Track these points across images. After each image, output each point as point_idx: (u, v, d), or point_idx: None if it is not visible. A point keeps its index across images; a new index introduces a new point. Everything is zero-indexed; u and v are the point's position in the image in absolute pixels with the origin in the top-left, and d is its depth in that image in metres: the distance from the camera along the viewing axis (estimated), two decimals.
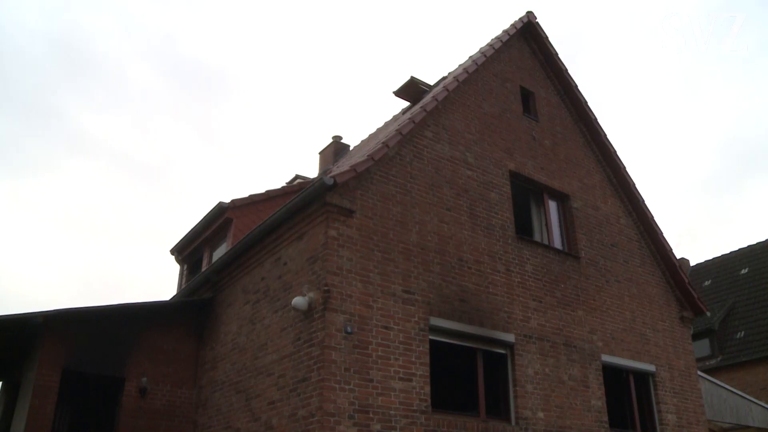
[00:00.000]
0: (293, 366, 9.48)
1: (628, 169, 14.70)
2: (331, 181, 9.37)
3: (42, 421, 11.12)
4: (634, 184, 14.64)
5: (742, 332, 25.02)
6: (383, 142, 10.54)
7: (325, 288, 9.12)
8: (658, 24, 66.46)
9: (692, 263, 30.87)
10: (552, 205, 13.21)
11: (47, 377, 11.33)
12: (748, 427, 18.17)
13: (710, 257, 30.95)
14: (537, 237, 12.72)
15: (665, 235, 14.80)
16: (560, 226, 13.18)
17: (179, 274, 17.52)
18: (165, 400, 12.32)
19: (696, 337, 22.44)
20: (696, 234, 66.45)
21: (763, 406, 18.09)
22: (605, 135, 14.59)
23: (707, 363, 24.21)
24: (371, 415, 8.91)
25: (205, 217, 15.77)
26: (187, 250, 16.95)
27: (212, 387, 11.94)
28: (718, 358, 24.72)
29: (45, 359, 11.41)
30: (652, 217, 14.68)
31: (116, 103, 61.25)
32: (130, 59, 62.82)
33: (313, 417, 8.70)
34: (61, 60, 62.59)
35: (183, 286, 14.90)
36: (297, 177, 20.14)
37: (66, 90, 62.79)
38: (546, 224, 12.90)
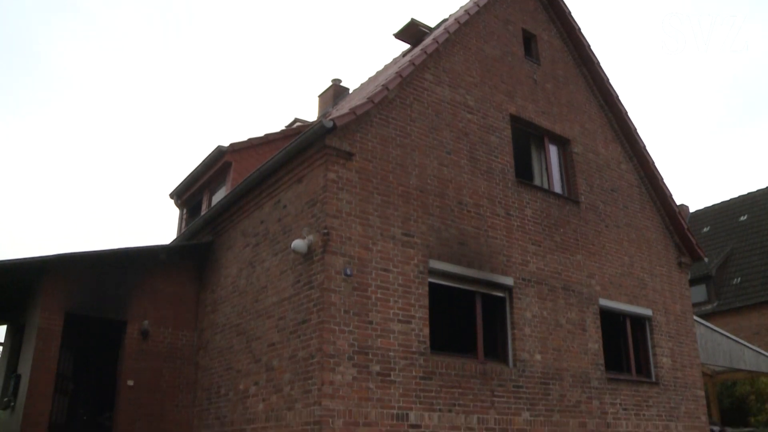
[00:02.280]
0: (293, 308, 9.56)
1: (629, 114, 14.58)
2: (330, 124, 9.28)
3: (47, 363, 11.29)
4: (635, 129, 14.53)
5: (739, 278, 25.24)
6: (383, 85, 10.41)
7: (325, 231, 9.13)
8: None
9: (692, 209, 30.92)
10: (552, 150, 13.13)
11: (50, 321, 11.45)
12: (740, 370, 18.47)
13: (710, 204, 30.99)
14: (537, 181, 12.68)
15: (665, 180, 14.76)
16: (560, 170, 13.13)
17: (179, 218, 17.53)
18: (167, 342, 12.46)
19: (693, 282, 22.65)
20: (696, 179, 66.45)
21: (755, 350, 18.37)
22: (607, 79, 14.41)
23: (703, 308, 24.50)
24: (370, 357, 9.03)
25: (203, 160, 15.69)
26: (187, 194, 16.92)
27: (213, 330, 12.07)
28: (714, 304, 25.00)
29: (47, 303, 11.51)
30: (653, 162, 14.62)
31: (109, 45, 60.42)
32: None
33: (313, 358, 8.81)
34: None
35: (183, 230, 14.93)
36: (296, 120, 19.97)
37: (55, 29, 61.84)
38: (546, 168, 12.85)
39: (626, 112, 14.48)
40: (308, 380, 8.84)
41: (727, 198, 30.43)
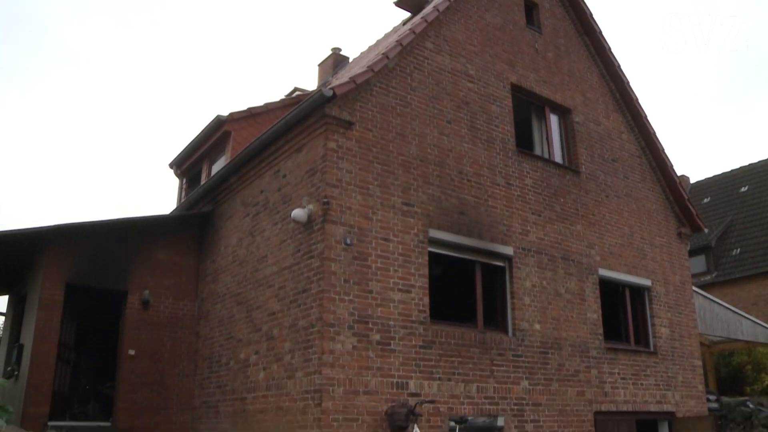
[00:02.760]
0: (293, 277, 9.57)
1: (631, 84, 14.45)
2: (330, 93, 9.21)
3: (49, 333, 11.37)
4: (637, 99, 14.43)
5: (738, 249, 25.28)
6: (383, 54, 10.32)
7: (325, 200, 9.11)
8: None
9: (692, 180, 30.84)
10: (553, 119, 13.05)
11: (51, 291, 11.50)
12: (738, 340, 18.57)
13: (711, 174, 30.91)
14: (537, 151, 12.62)
15: (666, 151, 14.68)
16: (561, 140, 13.06)
17: (179, 188, 17.47)
18: (167, 312, 12.52)
19: (692, 253, 22.66)
20: (697, 150, 66.29)
21: (753, 321, 18.43)
22: (609, 48, 14.26)
23: (702, 279, 24.56)
24: (370, 326, 9.07)
25: (203, 130, 15.57)
26: (186, 164, 16.84)
27: (213, 299, 12.11)
28: (713, 274, 25.06)
29: (48, 274, 11.55)
30: (654, 132, 14.55)
31: (109, 15, 59.87)
32: None
33: (313, 327, 8.85)
34: None
35: (182, 200, 14.90)
36: (296, 89, 19.77)
37: (58, 1, 61.24)
38: (547, 138, 12.78)
39: (628, 82, 14.36)
40: (308, 349, 8.89)
41: (728, 169, 30.34)
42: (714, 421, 12.73)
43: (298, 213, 9.32)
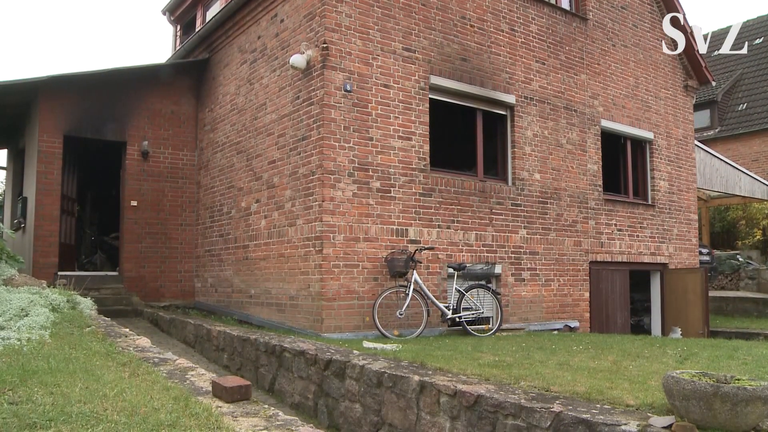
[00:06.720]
0: (293, 125, 9.46)
1: None
2: None
3: (50, 185, 11.43)
4: None
5: (744, 104, 24.87)
6: None
7: (324, 45, 8.82)
8: None
9: (704, 31, 29.74)
10: None
11: (50, 143, 11.46)
12: (735, 195, 18.72)
13: (724, 26, 29.76)
14: None
15: None
16: None
17: (173, 36, 16.96)
18: (167, 162, 12.52)
19: (697, 107, 22.33)
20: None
21: (752, 176, 18.48)
22: None
23: (705, 134, 24.34)
24: (370, 173, 9.05)
25: None
26: (179, 10, 16.24)
27: (213, 148, 12.06)
28: (717, 129, 24.82)
29: (45, 126, 11.46)
30: None
31: None
32: None
33: (314, 174, 8.84)
34: None
35: (178, 48, 14.50)
36: None
37: None
38: None
39: None
40: (309, 197, 8.93)
41: (743, 20, 29.07)
42: (704, 273, 13.05)
43: (297, 59, 9.06)
